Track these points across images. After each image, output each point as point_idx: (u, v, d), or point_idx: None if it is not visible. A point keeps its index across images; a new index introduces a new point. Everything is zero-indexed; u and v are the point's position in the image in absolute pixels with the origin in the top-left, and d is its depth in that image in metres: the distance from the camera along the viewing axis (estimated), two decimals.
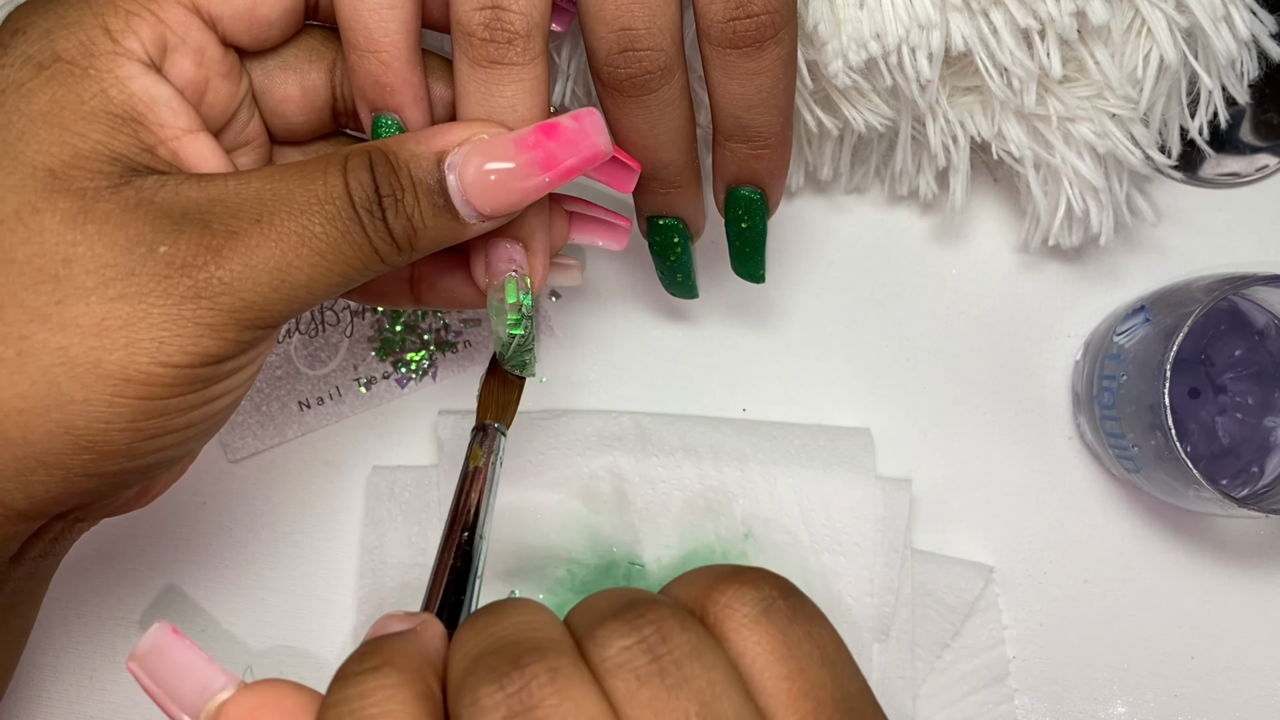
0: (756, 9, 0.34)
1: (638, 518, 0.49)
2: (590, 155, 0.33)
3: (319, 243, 0.31)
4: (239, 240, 0.31)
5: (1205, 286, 0.45)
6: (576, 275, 0.43)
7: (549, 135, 0.33)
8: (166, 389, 0.31)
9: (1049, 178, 0.46)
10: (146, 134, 0.33)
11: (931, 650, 0.49)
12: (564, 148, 0.33)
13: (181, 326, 0.31)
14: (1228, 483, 0.48)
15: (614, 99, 0.35)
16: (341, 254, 0.32)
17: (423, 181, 0.32)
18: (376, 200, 0.32)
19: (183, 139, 0.33)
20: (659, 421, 0.50)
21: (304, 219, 0.31)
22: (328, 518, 0.51)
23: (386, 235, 0.32)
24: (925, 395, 0.52)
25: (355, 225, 0.32)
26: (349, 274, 0.32)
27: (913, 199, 0.52)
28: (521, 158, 0.32)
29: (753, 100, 0.36)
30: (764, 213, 0.41)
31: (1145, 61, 0.43)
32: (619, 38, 0.34)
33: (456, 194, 0.32)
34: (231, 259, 0.31)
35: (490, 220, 0.33)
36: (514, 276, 0.36)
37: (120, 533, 0.51)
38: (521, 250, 0.36)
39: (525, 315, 0.37)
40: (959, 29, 0.41)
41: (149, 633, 0.28)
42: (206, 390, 0.32)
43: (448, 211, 0.33)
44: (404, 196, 0.32)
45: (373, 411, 0.52)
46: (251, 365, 0.34)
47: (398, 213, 0.32)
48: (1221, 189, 0.52)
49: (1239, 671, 0.50)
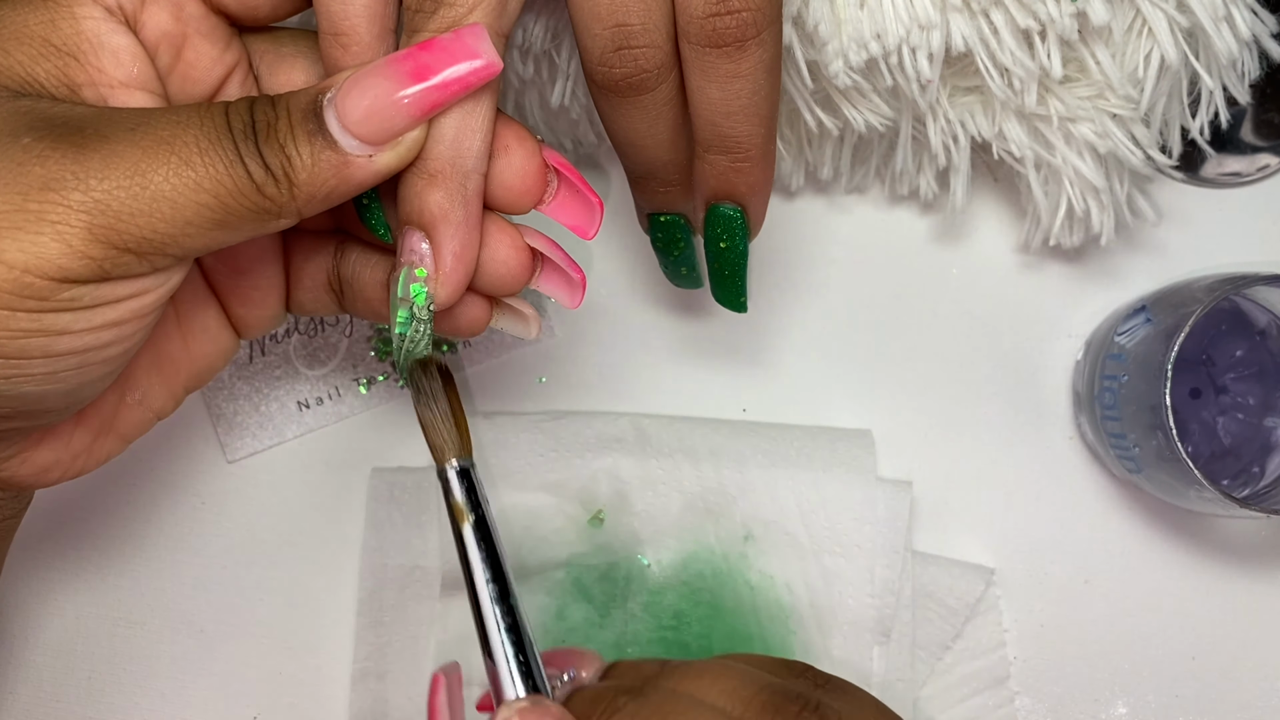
0: (737, 5, 0.33)
1: (638, 520, 0.49)
2: (467, 61, 0.31)
3: (187, 151, 0.30)
4: (106, 143, 0.30)
5: (1206, 286, 0.45)
6: (533, 328, 0.39)
7: (424, 48, 0.32)
8: (7, 295, 0.29)
9: (1050, 178, 0.46)
10: (78, 71, 0.32)
11: (932, 652, 0.49)
12: (438, 57, 0.31)
13: (22, 219, 0.29)
14: (1229, 483, 0.48)
15: (609, 100, 0.35)
16: (211, 171, 0.30)
17: (297, 110, 0.32)
18: (250, 124, 0.31)
19: (116, 89, 0.33)
20: (658, 423, 0.50)
21: (176, 129, 0.30)
22: (327, 518, 0.51)
23: (258, 158, 0.31)
24: (926, 396, 0.52)
25: (228, 142, 0.31)
26: (221, 197, 0.31)
27: (913, 199, 0.52)
28: (393, 68, 0.32)
29: (732, 106, 0.35)
30: (744, 233, 0.39)
31: (1146, 62, 0.43)
32: (613, 35, 0.33)
33: (334, 123, 0.31)
34: (91, 156, 0.29)
35: (376, 151, 0.32)
36: (408, 267, 0.34)
37: (119, 533, 0.51)
38: (426, 242, 0.34)
39: (416, 316, 0.35)
40: (959, 29, 0.41)
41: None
42: (45, 316, 0.30)
43: (322, 138, 0.31)
44: (277, 123, 0.31)
45: (372, 411, 0.52)
46: (110, 309, 0.31)
47: (269, 137, 0.31)
48: (1223, 189, 0.52)
49: (1240, 672, 0.50)
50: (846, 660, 0.48)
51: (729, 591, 0.49)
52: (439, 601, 0.49)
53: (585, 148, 0.51)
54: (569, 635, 0.49)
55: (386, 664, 0.49)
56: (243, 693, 0.50)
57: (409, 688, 0.49)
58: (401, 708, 0.49)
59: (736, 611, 0.49)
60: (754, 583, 0.49)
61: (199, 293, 0.39)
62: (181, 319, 0.39)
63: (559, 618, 0.49)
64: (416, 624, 0.49)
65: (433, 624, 0.49)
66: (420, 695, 0.49)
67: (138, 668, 0.50)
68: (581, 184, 0.36)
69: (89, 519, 0.50)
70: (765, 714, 0.34)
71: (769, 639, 0.48)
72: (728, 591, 0.49)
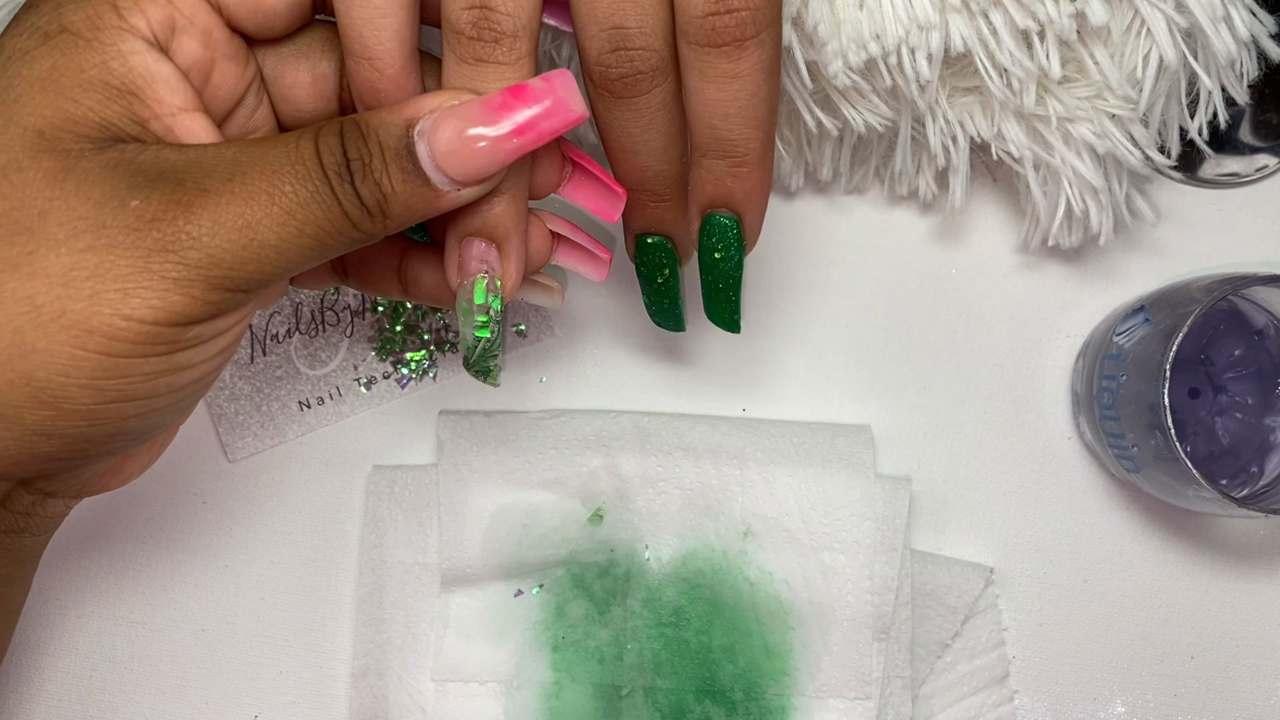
0: (737, 4, 0.33)
1: (637, 517, 0.49)
2: (560, 112, 0.33)
3: (288, 201, 0.31)
4: (209, 197, 0.31)
5: (1205, 286, 0.45)
6: (557, 297, 0.42)
7: (516, 95, 0.33)
8: (129, 345, 0.31)
9: (1048, 178, 0.46)
10: (141, 108, 0.33)
11: (931, 651, 0.49)
12: (532, 104, 0.33)
13: (147, 279, 0.30)
14: (1227, 483, 0.48)
15: (605, 101, 0.35)
16: (311, 215, 0.32)
17: (390, 146, 0.32)
18: (345, 163, 0.32)
19: (178, 116, 0.34)
20: (658, 421, 0.50)
21: (274, 178, 0.31)
22: (328, 517, 0.51)
23: (355, 199, 0.32)
24: (925, 395, 0.52)
25: (324, 187, 0.32)
26: (320, 238, 0.32)
27: (912, 199, 0.52)
28: (490, 114, 0.32)
29: (729, 109, 0.35)
30: (739, 244, 0.39)
31: (1145, 62, 0.43)
32: (611, 36, 0.34)
33: (426, 160, 0.33)
34: (200, 214, 0.31)
35: (464, 188, 0.33)
36: (484, 277, 0.36)
37: (119, 533, 0.51)
38: (495, 251, 0.36)
39: (493, 319, 0.36)
40: (958, 30, 0.41)
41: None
42: (173, 357, 0.32)
43: (417, 177, 0.33)
44: (372, 160, 0.32)
45: (373, 411, 0.52)
46: (222, 338, 0.33)
47: (365, 176, 0.32)
48: (1221, 189, 0.52)
49: (1239, 671, 0.50)
50: (845, 657, 0.48)
51: (728, 588, 0.49)
52: (439, 599, 0.49)
53: (586, 148, 0.51)
54: (569, 632, 0.49)
55: (386, 662, 0.49)
56: (243, 691, 0.50)
57: (409, 685, 0.49)
58: (402, 705, 0.49)
59: (736, 608, 0.49)
60: (753, 579, 0.49)
61: None
62: None
63: (559, 614, 0.49)
64: (416, 622, 0.49)
65: (432, 622, 0.49)
66: (420, 693, 0.49)
67: (139, 666, 0.50)
68: (601, 173, 0.37)
69: (90, 519, 0.51)
70: None
71: (768, 635, 0.49)
72: (727, 588, 0.49)
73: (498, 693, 0.49)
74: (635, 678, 0.48)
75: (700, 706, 0.48)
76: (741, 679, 0.48)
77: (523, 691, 0.49)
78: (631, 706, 0.48)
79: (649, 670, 0.48)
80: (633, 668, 0.48)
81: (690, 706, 0.48)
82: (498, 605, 0.49)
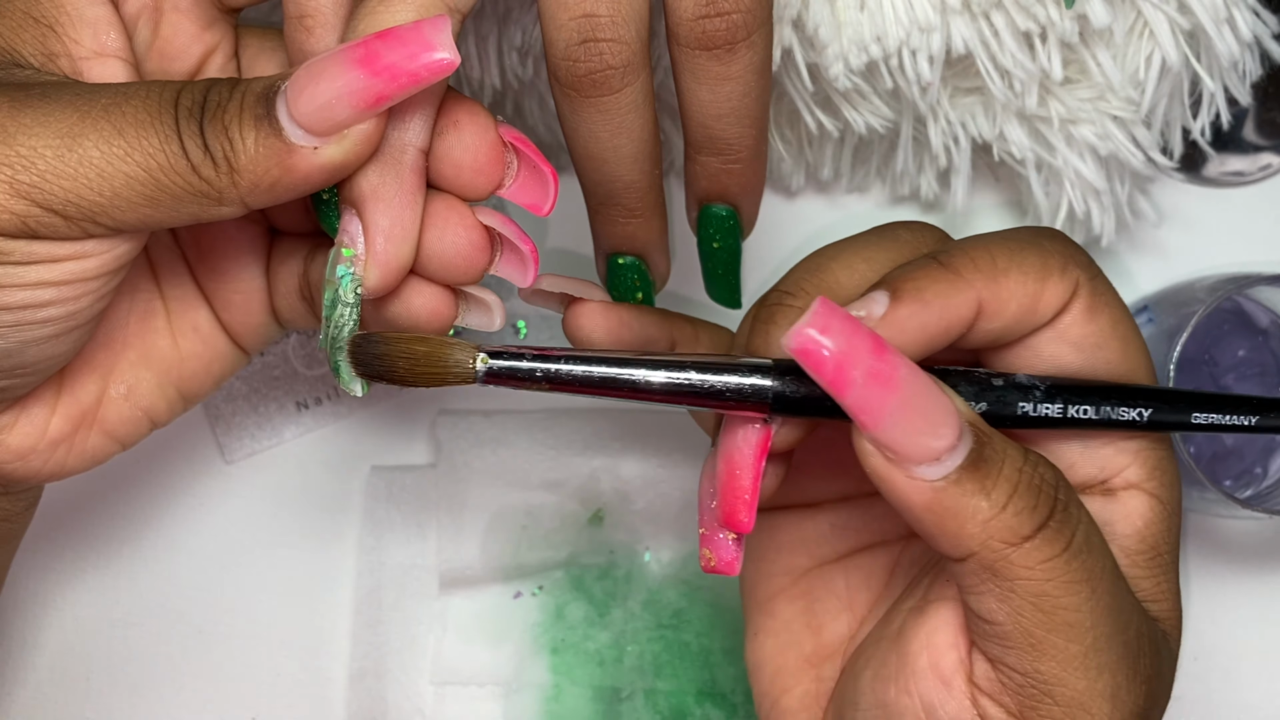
0: (727, 7, 0.32)
1: (638, 518, 0.49)
2: (422, 53, 0.30)
3: (122, 121, 0.30)
4: (46, 103, 0.30)
5: (1208, 287, 0.45)
6: (494, 317, 0.36)
7: (380, 37, 0.31)
8: None
9: (1051, 179, 0.46)
10: (55, 42, 0.33)
11: None
12: (392, 47, 0.30)
13: None
14: (1231, 483, 0.48)
15: (571, 101, 0.33)
16: (145, 142, 0.30)
17: (250, 94, 0.31)
18: (200, 104, 0.31)
19: (91, 60, 0.34)
20: (659, 421, 0.50)
21: (120, 99, 0.30)
22: (326, 519, 0.51)
23: (198, 138, 0.31)
24: None
25: (168, 117, 0.30)
26: (153, 172, 0.30)
27: (914, 199, 0.52)
28: (342, 57, 0.31)
29: (722, 109, 0.34)
30: (737, 232, 0.38)
31: (1147, 63, 0.43)
32: (580, 25, 0.32)
33: (283, 111, 0.31)
34: (25, 113, 0.30)
35: (321, 141, 0.31)
36: (338, 248, 0.32)
37: (117, 534, 0.51)
38: (357, 222, 0.33)
39: (342, 301, 0.33)
40: (960, 32, 0.41)
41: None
42: None
43: (269, 125, 0.31)
44: (228, 104, 0.31)
45: (371, 411, 0.52)
46: (64, 265, 0.31)
47: (215, 118, 0.31)
48: (1225, 188, 0.52)
49: (1240, 672, 0.50)
50: None
51: (729, 589, 0.49)
52: (437, 601, 0.49)
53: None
54: (568, 634, 0.49)
55: (385, 664, 0.49)
56: (240, 693, 0.50)
57: (407, 687, 0.49)
58: (400, 707, 0.49)
59: (737, 609, 0.49)
60: None
61: (187, 290, 0.39)
62: (171, 315, 0.39)
63: (558, 616, 0.49)
64: (415, 623, 0.49)
65: (431, 624, 0.49)
66: (418, 695, 0.49)
67: (135, 668, 0.50)
68: (536, 156, 0.34)
69: (87, 520, 0.50)
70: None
71: None
72: (728, 589, 0.49)
73: (497, 695, 0.49)
74: (635, 680, 0.48)
75: (701, 709, 0.48)
76: (743, 682, 0.48)
77: (522, 694, 0.49)
78: (631, 709, 0.48)
79: (649, 673, 0.48)
80: (633, 670, 0.48)
81: (691, 709, 0.48)
82: (497, 607, 0.49)
